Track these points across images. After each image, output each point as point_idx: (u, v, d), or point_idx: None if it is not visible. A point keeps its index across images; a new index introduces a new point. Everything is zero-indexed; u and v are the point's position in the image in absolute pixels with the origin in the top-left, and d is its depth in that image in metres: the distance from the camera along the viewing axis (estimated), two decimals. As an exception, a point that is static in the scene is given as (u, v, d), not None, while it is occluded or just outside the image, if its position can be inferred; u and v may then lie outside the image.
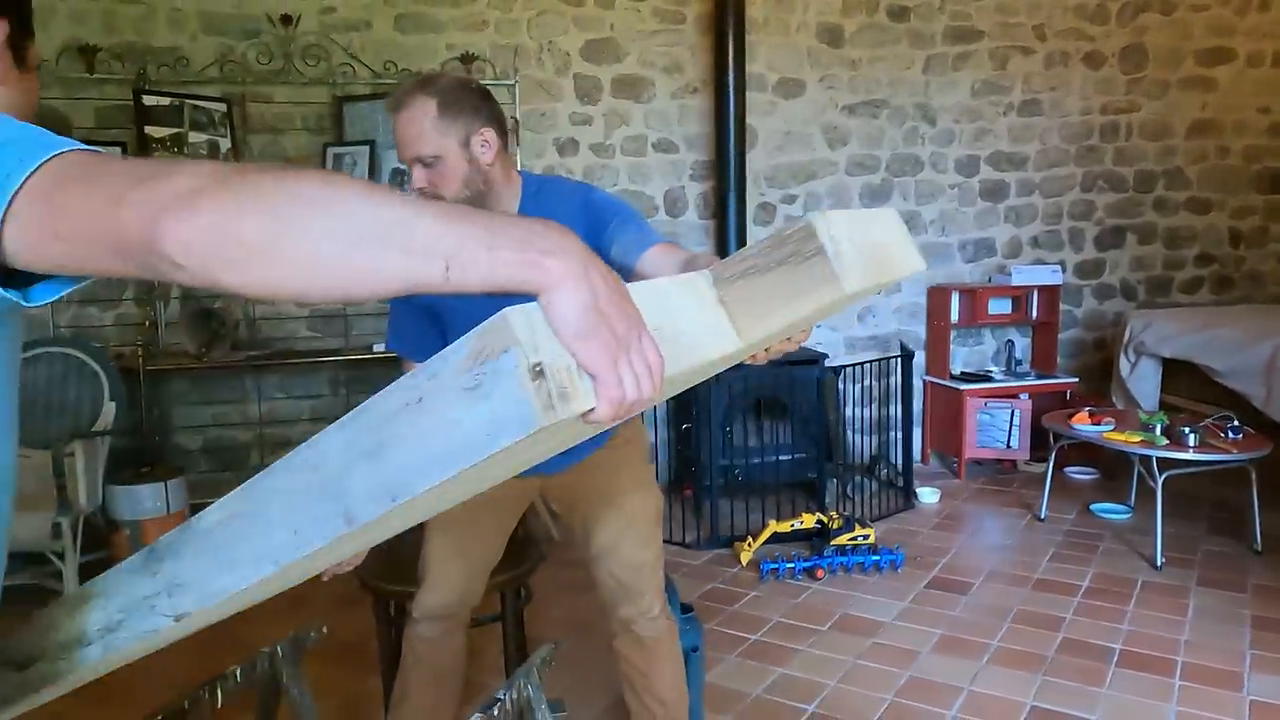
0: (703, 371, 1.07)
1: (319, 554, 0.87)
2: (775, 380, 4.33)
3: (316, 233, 0.67)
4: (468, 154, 1.72)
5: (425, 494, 0.78)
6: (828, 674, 2.85)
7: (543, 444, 0.87)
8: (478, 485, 1.05)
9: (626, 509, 2.04)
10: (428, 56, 4.44)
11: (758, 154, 4.87)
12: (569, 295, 0.68)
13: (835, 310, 1.11)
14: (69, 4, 4.11)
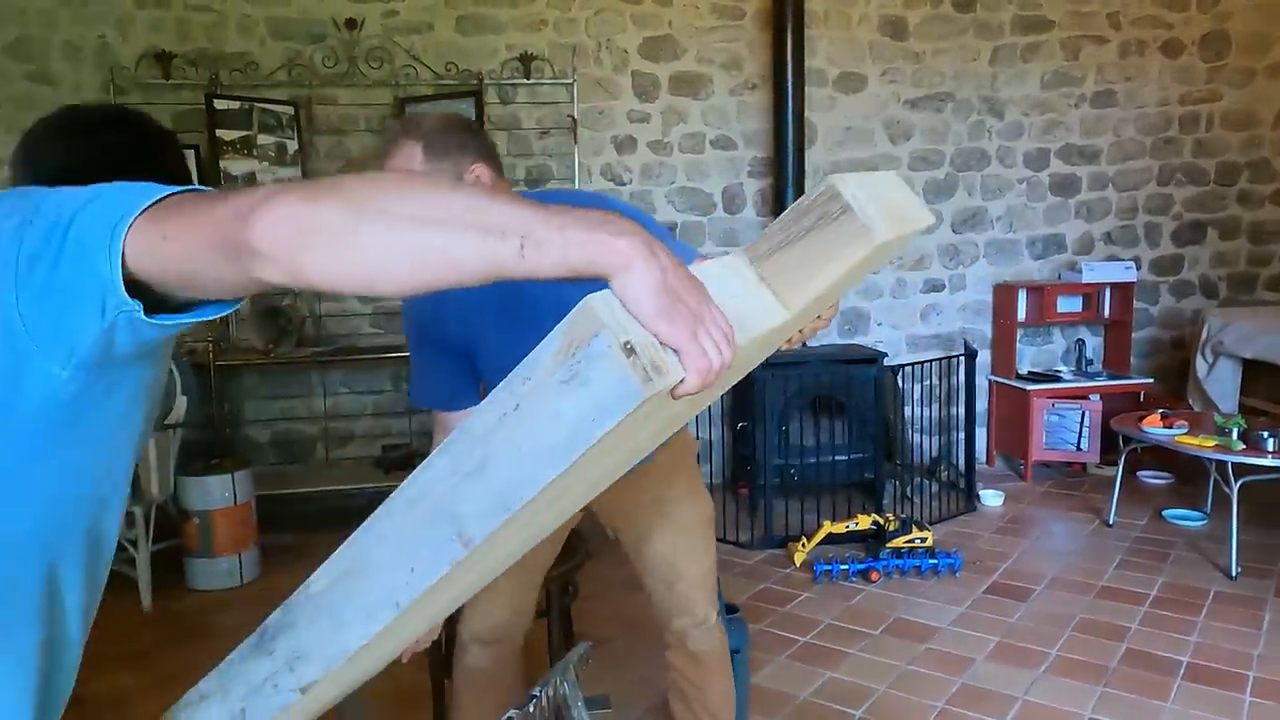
0: (758, 350, 1.08)
1: (438, 589, 0.88)
2: (833, 378, 4.28)
3: (394, 215, 0.70)
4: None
5: (538, 499, 0.79)
6: (878, 679, 2.81)
7: (640, 431, 0.88)
8: (585, 491, 1.04)
9: (678, 518, 2.00)
10: (487, 57, 4.50)
11: (817, 150, 4.81)
12: (641, 275, 0.69)
13: (866, 270, 1.10)
14: (147, 12, 4.28)
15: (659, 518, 2.00)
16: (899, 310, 5.01)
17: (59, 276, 0.75)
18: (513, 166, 4.60)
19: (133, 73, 4.21)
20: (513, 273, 0.71)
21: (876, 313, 4.99)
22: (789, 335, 1.23)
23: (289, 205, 0.70)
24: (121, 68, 4.21)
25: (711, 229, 4.81)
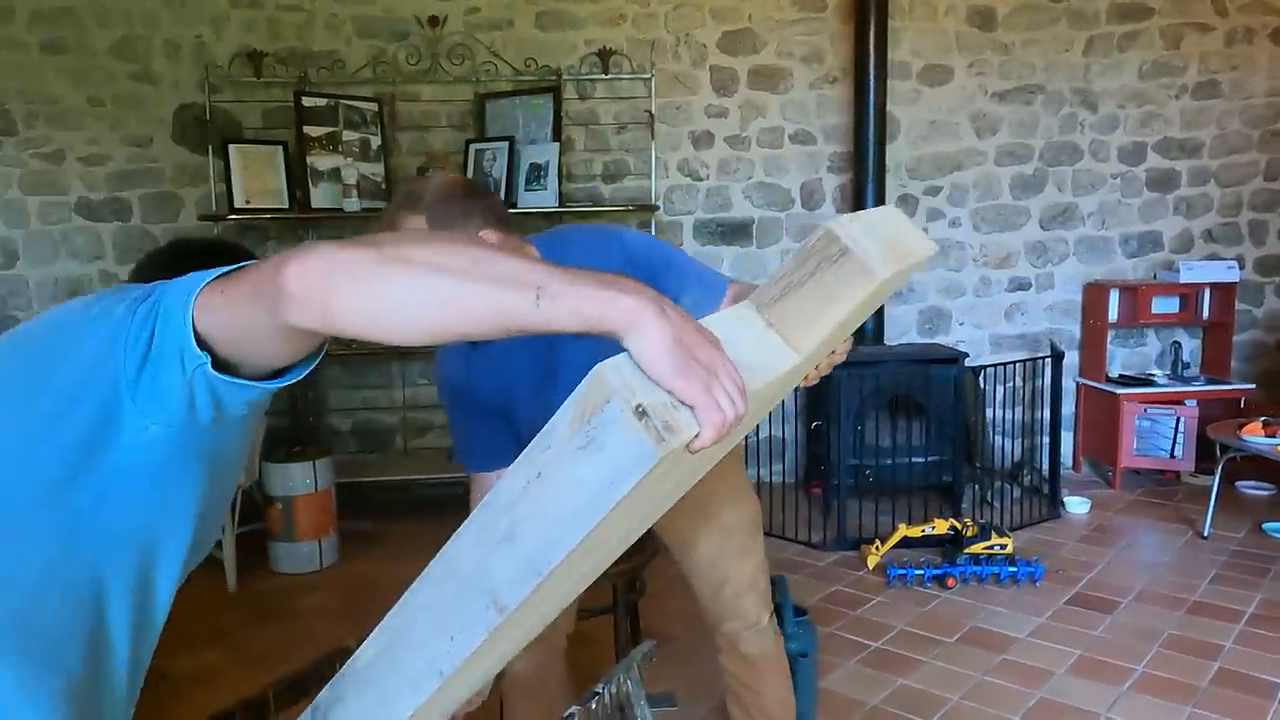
0: (774, 394, 1.11)
1: (479, 655, 0.91)
2: (911, 378, 4.18)
3: (418, 263, 0.76)
4: None
5: (566, 561, 0.81)
6: (951, 688, 2.73)
7: (660, 488, 0.92)
8: (618, 544, 1.05)
9: (723, 520, 1.98)
10: (566, 52, 4.52)
11: (899, 145, 4.70)
12: (652, 333, 0.72)
13: (873, 306, 1.14)
14: (240, 13, 4.42)
15: (703, 521, 1.98)
16: (982, 309, 4.87)
17: (153, 341, 0.84)
18: (589, 161, 4.62)
19: (226, 71, 4.36)
20: (527, 322, 0.75)
21: (958, 312, 4.86)
22: (804, 375, 1.22)
23: (320, 253, 0.77)
24: (216, 66, 4.36)
25: (789, 225, 4.75)
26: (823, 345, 1.00)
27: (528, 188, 4.32)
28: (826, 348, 1.10)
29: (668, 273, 1.70)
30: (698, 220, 4.71)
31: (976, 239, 4.83)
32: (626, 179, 4.64)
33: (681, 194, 4.69)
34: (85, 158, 4.41)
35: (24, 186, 4.40)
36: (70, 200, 4.44)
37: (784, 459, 4.79)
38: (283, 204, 4.24)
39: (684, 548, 2.02)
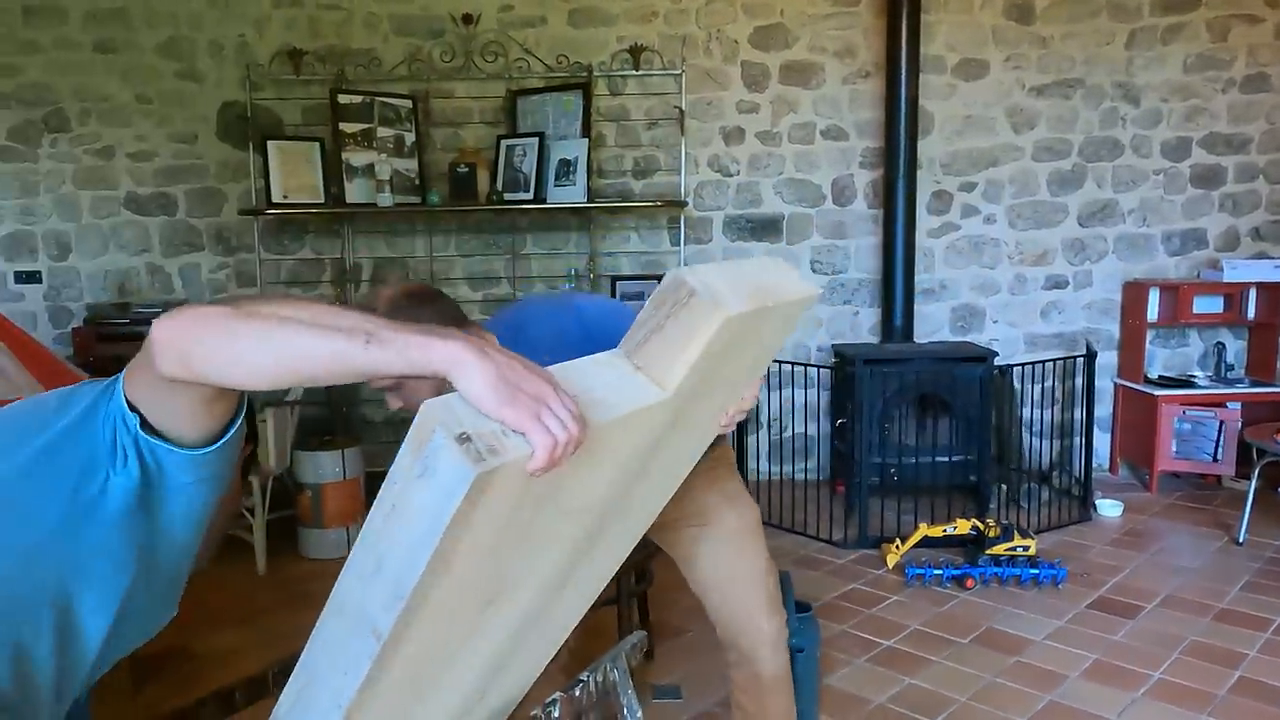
0: (693, 432, 1.29)
1: (372, 684, 0.99)
2: (938, 377, 4.14)
3: (266, 315, 0.88)
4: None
5: (429, 583, 0.89)
6: (959, 689, 2.72)
7: (574, 501, 1.05)
8: (530, 565, 1.14)
9: (723, 526, 2.00)
10: (597, 49, 4.55)
11: (933, 140, 4.65)
12: (474, 372, 0.83)
13: (764, 345, 1.29)
14: (282, 12, 4.54)
15: (702, 529, 2.00)
16: (1017, 307, 4.80)
17: (113, 410, 0.99)
18: (620, 157, 4.65)
19: (267, 69, 4.47)
20: (360, 364, 0.86)
21: (993, 310, 4.79)
22: (709, 414, 1.30)
23: (185, 311, 0.90)
24: (257, 65, 4.48)
25: (819, 221, 4.73)
26: (693, 379, 1.09)
27: (557, 183, 4.36)
28: (721, 386, 1.23)
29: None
30: (727, 216, 4.71)
31: (1012, 236, 4.75)
32: (657, 175, 4.66)
33: (711, 190, 4.70)
34: (134, 154, 4.58)
35: (76, 181, 4.59)
36: (119, 195, 4.61)
37: (813, 457, 4.78)
38: (319, 199, 4.35)
39: (688, 560, 2.04)
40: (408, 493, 0.85)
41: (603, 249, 4.69)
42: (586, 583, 1.51)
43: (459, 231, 4.68)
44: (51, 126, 4.51)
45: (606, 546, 1.41)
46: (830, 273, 4.75)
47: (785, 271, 1.25)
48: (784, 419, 4.72)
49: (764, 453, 4.75)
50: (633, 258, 4.71)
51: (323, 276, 4.67)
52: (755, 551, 2.02)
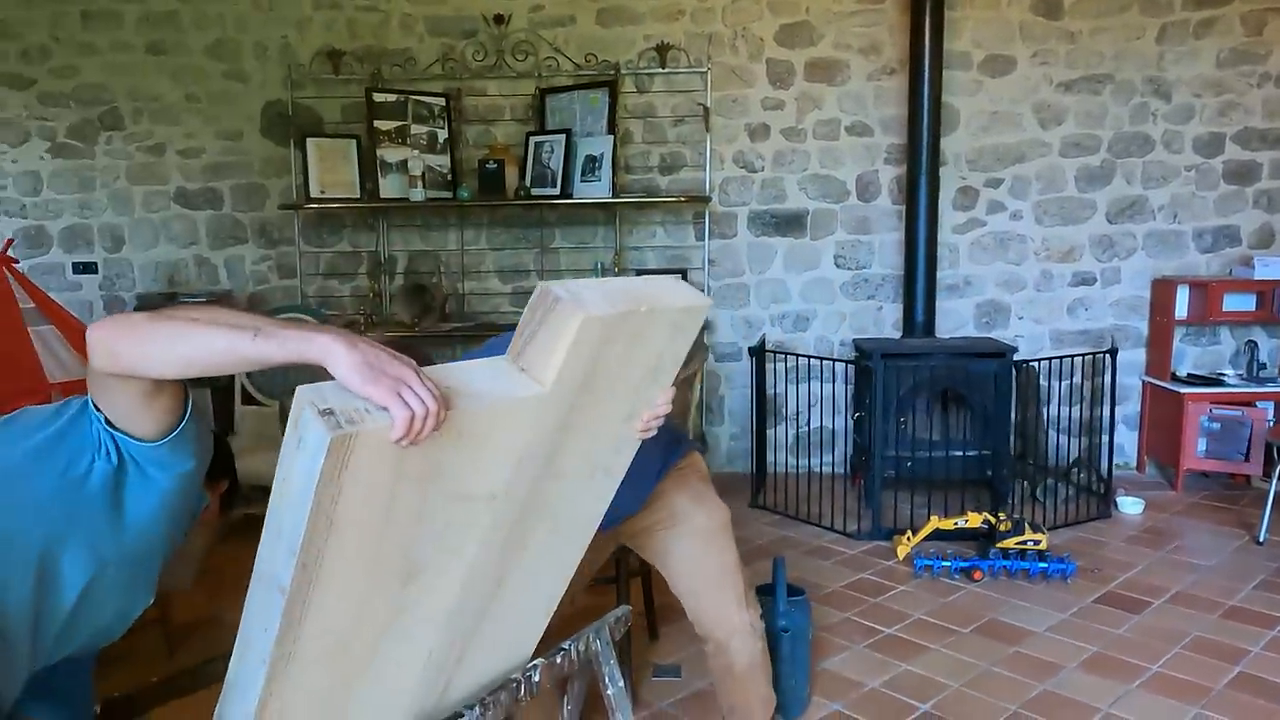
0: (613, 435, 1.48)
1: (287, 638, 1.16)
2: (954, 372, 4.16)
3: (175, 318, 1.12)
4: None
5: (318, 540, 1.07)
6: (953, 676, 2.77)
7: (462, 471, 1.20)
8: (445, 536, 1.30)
9: (691, 525, 2.11)
10: (625, 48, 4.65)
11: (959, 136, 4.66)
12: (342, 358, 1.02)
13: (668, 351, 1.45)
14: (322, 14, 4.72)
15: (671, 530, 2.12)
16: (1043, 304, 4.78)
17: (90, 410, 1.26)
18: (646, 154, 4.75)
19: (308, 69, 4.66)
20: (249, 353, 1.06)
21: (1018, 306, 4.79)
22: (614, 418, 1.45)
23: (116, 316, 1.15)
24: (299, 65, 4.67)
25: (844, 216, 4.77)
26: (597, 383, 1.30)
27: (583, 179, 4.48)
28: (625, 392, 1.41)
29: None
30: (752, 211, 4.78)
31: (1038, 232, 4.74)
32: (682, 171, 4.75)
33: (736, 185, 4.77)
34: (183, 150, 4.80)
35: (130, 177, 4.83)
36: (170, 190, 4.84)
37: (834, 450, 4.83)
38: (355, 194, 4.52)
39: (664, 560, 2.15)
40: (289, 463, 1.03)
41: (629, 243, 4.79)
42: (535, 583, 1.62)
43: (489, 225, 4.82)
44: (107, 125, 4.75)
45: (541, 546, 1.53)
46: (854, 268, 4.79)
47: (672, 286, 1.42)
48: (806, 413, 4.78)
49: (787, 445, 4.82)
50: (658, 252, 4.80)
51: (359, 269, 4.85)
52: (724, 548, 2.12)
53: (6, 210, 4.80)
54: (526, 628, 1.74)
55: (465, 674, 1.64)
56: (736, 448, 4.88)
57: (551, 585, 1.70)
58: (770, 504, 4.33)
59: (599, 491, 1.60)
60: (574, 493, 1.53)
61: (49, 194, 4.80)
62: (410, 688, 1.52)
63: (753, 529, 4.05)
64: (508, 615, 1.62)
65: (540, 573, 1.62)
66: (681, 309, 1.39)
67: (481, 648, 1.62)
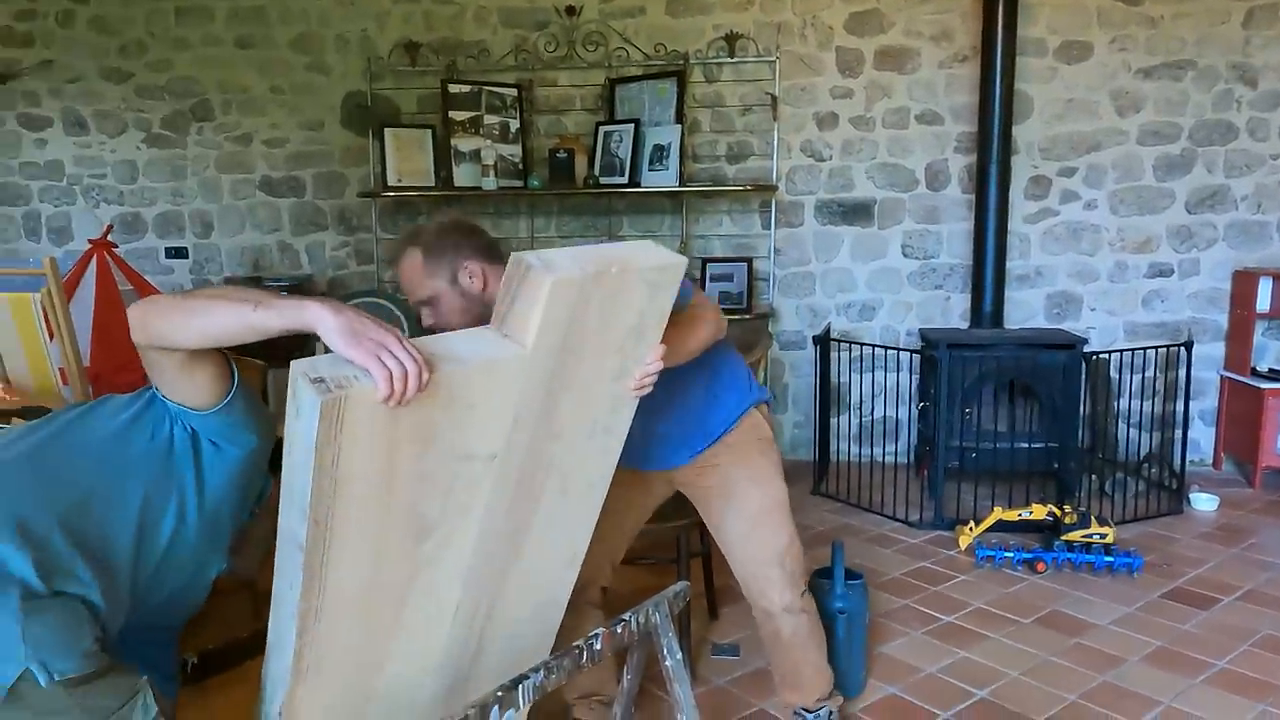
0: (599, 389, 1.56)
1: (310, 592, 1.29)
2: (1022, 363, 4.12)
3: (194, 295, 1.34)
4: (458, 288, 1.88)
5: (327, 496, 1.20)
6: (1012, 665, 2.78)
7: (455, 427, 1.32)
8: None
9: (746, 505, 2.15)
10: (694, 38, 4.70)
11: (1032, 124, 4.59)
12: (330, 321, 1.17)
13: (650, 313, 1.54)
14: (400, 7, 4.86)
15: (725, 502, 2.15)
16: (1116, 295, 4.69)
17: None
18: (714, 143, 4.79)
19: (386, 61, 4.81)
20: (253, 323, 1.22)
21: (1090, 297, 4.71)
22: (602, 375, 1.55)
23: (148, 299, 1.37)
24: (378, 58, 4.82)
25: (912, 205, 4.74)
26: (579, 342, 1.42)
27: (651, 168, 4.54)
28: (610, 351, 1.51)
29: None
30: (819, 200, 4.79)
31: (1114, 222, 4.65)
32: (750, 159, 4.78)
33: (804, 174, 4.78)
34: (268, 140, 5.01)
35: (219, 166, 5.05)
36: (255, 178, 5.05)
37: (901, 440, 4.82)
38: (429, 182, 4.67)
39: (717, 530, 2.21)
40: (291, 431, 1.15)
41: (696, 231, 4.85)
42: (553, 541, 1.70)
43: (559, 214, 4.93)
44: (198, 116, 4.98)
45: (553, 505, 1.62)
46: (921, 257, 4.77)
47: (645, 248, 1.52)
48: (871, 402, 4.78)
49: (851, 434, 4.82)
50: (725, 240, 4.84)
51: (433, 255, 4.99)
52: (774, 530, 2.14)
53: (106, 198, 5.07)
54: (552, 585, 1.81)
55: (496, 629, 1.72)
56: (800, 436, 4.91)
57: (570, 544, 1.78)
58: (832, 491, 4.36)
59: (603, 450, 1.68)
60: (577, 452, 1.62)
61: (144, 182, 5.06)
62: (441, 643, 1.61)
63: (814, 516, 4.09)
64: (530, 573, 1.70)
65: (556, 531, 1.70)
66: (654, 267, 1.48)
67: (509, 605, 1.71)
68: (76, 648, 1.28)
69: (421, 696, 1.65)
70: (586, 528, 1.78)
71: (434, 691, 1.67)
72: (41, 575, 1.29)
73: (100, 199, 5.08)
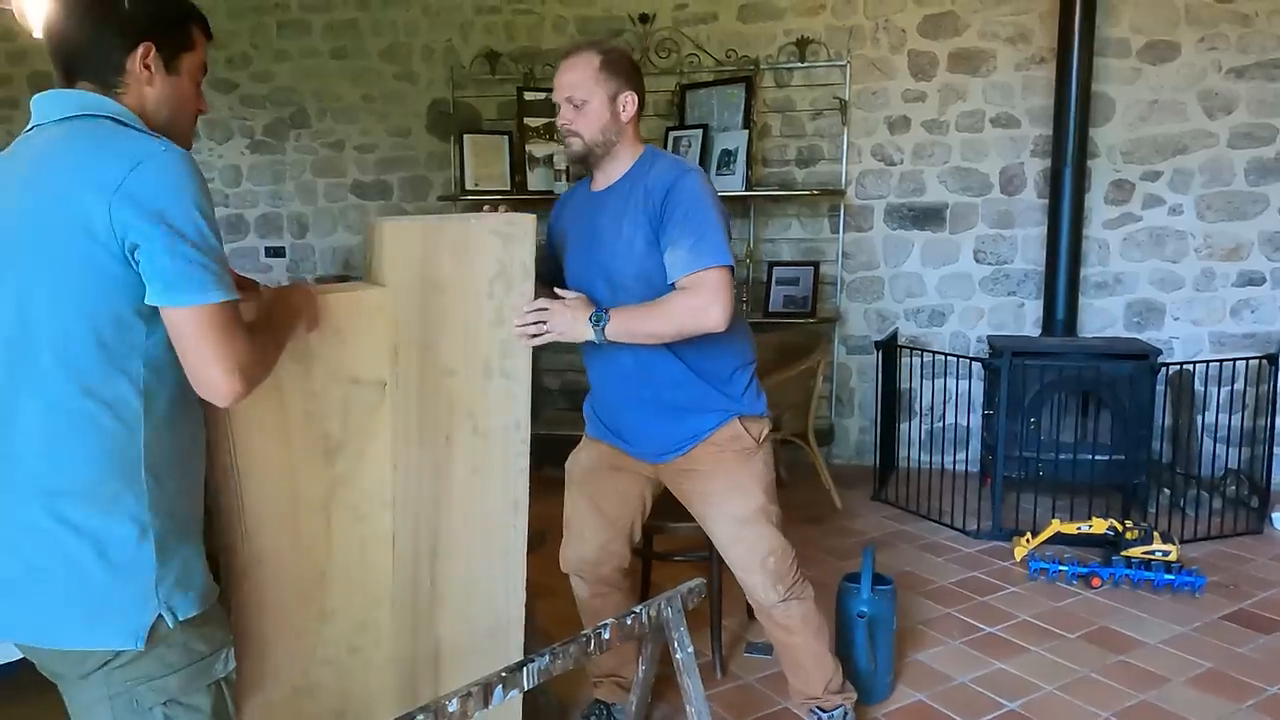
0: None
1: (227, 484, 1.58)
2: (1093, 373, 4.01)
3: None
4: (612, 107, 2.01)
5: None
6: (1049, 678, 2.74)
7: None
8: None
9: (726, 512, 2.19)
10: (765, 43, 4.74)
11: (1114, 126, 4.46)
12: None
13: (485, 261, 1.80)
14: (483, 18, 5.06)
15: (706, 508, 2.21)
16: (1202, 304, 4.51)
17: None
18: (784, 147, 4.82)
19: (468, 70, 5.02)
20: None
21: (1173, 306, 4.54)
22: (467, 313, 1.80)
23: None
24: (461, 67, 5.03)
25: (985, 210, 4.66)
26: (432, 281, 1.72)
27: (719, 172, 4.60)
28: (469, 296, 1.79)
29: (667, 226, 1.99)
30: (889, 205, 4.76)
31: (1200, 228, 4.47)
32: (819, 164, 4.79)
33: (874, 178, 4.76)
34: (359, 146, 5.29)
35: (314, 170, 5.36)
36: (347, 182, 5.35)
37: (968, 448, 4.75)
38: (505, 186, 4.85)
39: (707, 527, 2.26)
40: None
41: (764, 235, 4.89)
42: (484, 485, 1.86)
43: (630, 217, 5.03)
44: (296, 123, 5.30)
45: (469, 446, 1.81)
46: (995, 263, 4.69)
47: (482, 217, 1.86)
48: (940, 409, 4.72)
49: (917, 441, 4.78)
50: (793, 244, 4.87)
51: (510, 256, 5.18)
52: (756, 538, 2.17)
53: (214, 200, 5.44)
54: (502, 531, 1.94)
55: (448, 569, 1.87)
56: (866, 441, 4.89)
57: (507, 489, 1.91)
58: (892, 498, 4.34)
59: (508, 394, 1.85)
60: (478, 392, 1.81)
61: (247, 185, 5.41)
62: (385, 570, 1.76)
63: (870, 521, 4.08)
64: (469, 515, 1.86)
65: (485, 475, 1.86)
66: (501, 221, 1.81)
67: (456, 545, 1.86)
68: (194, 588, 1.34)
69: (377, 620, 1.79)
70: (520, 473, 1.92)
71: (392, 622, 1.81)
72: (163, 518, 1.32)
73: (208, 201, 5.45)
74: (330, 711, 1.77)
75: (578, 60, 2.02)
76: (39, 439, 1.26)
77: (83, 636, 1.28)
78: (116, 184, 1.20)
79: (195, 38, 1.41)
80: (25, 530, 1.27)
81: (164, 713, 1.32)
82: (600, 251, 2.09)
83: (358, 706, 1.80)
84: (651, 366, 2.10)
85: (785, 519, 2.26)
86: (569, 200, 2.26)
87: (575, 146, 2.06)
